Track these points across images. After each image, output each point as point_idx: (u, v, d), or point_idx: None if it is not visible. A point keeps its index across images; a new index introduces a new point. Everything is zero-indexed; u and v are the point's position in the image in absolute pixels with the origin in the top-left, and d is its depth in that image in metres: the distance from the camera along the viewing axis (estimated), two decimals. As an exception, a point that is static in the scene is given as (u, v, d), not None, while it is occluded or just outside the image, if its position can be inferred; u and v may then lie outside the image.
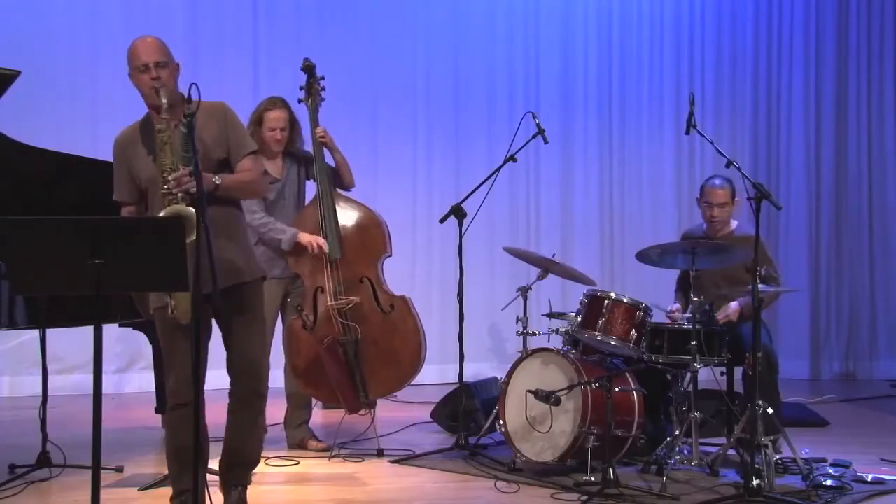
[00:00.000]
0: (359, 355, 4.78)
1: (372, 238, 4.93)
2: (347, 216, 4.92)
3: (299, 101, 5.00)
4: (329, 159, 4.96)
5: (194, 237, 3.11)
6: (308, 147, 4.95)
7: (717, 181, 4.96)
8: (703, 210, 4.99)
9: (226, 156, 3.50)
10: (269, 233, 4.75)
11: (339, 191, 4.97)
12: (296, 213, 4.92)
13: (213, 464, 3.87)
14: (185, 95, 3.45)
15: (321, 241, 4.78)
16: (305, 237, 4.78)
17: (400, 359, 4.86)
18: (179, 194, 3.25)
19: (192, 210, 3.21)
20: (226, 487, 3.70)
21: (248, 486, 3.76)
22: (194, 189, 3.23)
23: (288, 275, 4.90)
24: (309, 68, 4.99)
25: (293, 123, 4.88)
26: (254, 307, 3.62)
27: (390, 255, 4.99)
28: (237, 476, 3.71)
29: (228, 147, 3.50)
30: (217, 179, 3.38)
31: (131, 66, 3.42)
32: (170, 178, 3.25)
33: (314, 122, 4.92)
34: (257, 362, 3.64)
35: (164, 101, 3.29)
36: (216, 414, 3.78)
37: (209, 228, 3.30)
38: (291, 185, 4.94)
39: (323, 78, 5.00)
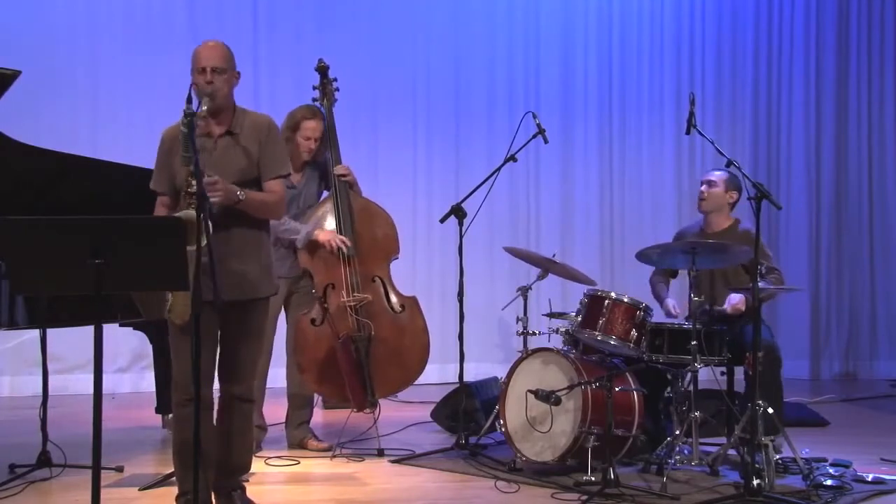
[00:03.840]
0: (369, 353, 4.78)
1: (385, 238, 4.96)
2: (362, 215, 4.93)
3: (313, 100, 5.03)
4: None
5: (194, 247, 3.11)
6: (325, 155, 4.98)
7: (716, 170, 5.07)
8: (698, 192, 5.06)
9: (255, 177, 3.53)
10: (282, 233, 4.77)
11: (353, 191, 4.99)
12: (307, 215, 4.93)
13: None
14: (235, 105, 3.55)
15: (343, 238, 4.79)
16: (324, 235, 4.79)
17: (407, 358, 4.88)
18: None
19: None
20: (222, 495, 3.66)
21: (246, 486, 3.76)
22: (217, 198, 3.29)
23: (294, 273, 4.91)
24: (323, 69, 5.03)
25: (324, 135, 4.90)
26: (258, 324, 3.63)
27: (398, 257, 5.01)
28: (231, 483, 3.68)
29: (260, 163, 3.53)
30: (241, 195, 3.41)
31: (192, 67, 3.51)
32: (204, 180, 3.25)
33: (330, 123, 4.97)
34: (248, 371, 3.63)
35: (205, 107, 3.37)
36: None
37: (234, 243, 3.40)
38: (308, 195, 4.96)
39: (336, 79, 5.03)
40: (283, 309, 4.98)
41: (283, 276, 4.78)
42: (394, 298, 4.89)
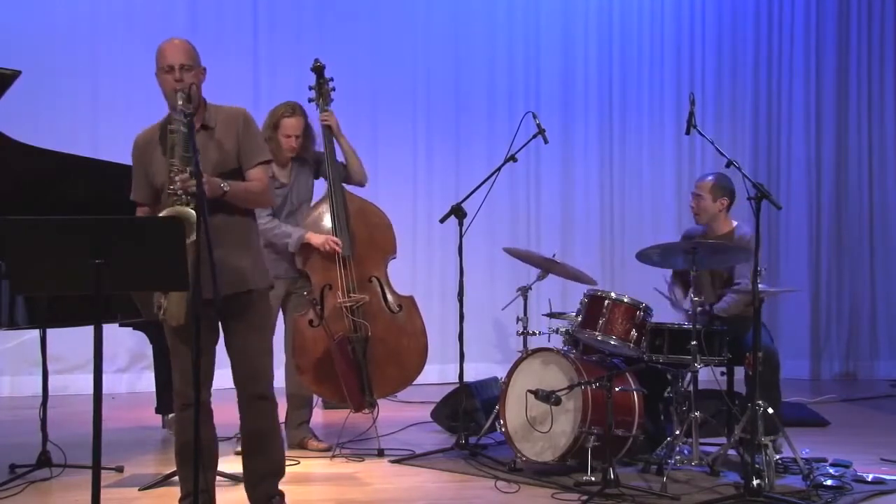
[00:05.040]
0: (367, 354, 4.78)
1: (382, 238, 4.96)
2: (358, 215, 4.93)
3: (309, 100, 5.04)
4: (338, 153, 4.98)
5: (193, 238, 3.10)
6: (319, 147, 4.98)
7: (706, 174, 5.05)
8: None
9: (234, 167, 3.48)
10: (275, 236, 4.77)
11: (349, 190, 4.98)
12: (304, 216, 4.93)
13: (223, 465, 3.88)
14: (205, 101, 3.49)
15: (335, 239, 4.80)
16: (317, 238, 4.80)
17: (406, 358, 4.89)
18: (184, 195, 3.24)
19: (193, 211, 3.20)
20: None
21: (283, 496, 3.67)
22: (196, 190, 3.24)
23: (291, 274, 4.91)
24: (319, 69, 5.03)
25: (308, 130, 4.91)
26: (258, 316, 3.57)
27: (395, 257, 5.01)
28: (267, 489, 3.60)
29: (240, 154, 3.49)
30: (225, 186, 3.37)
31: (157, 66, 3.47)
32: (175, 178, 3.23)
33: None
34: (259, 368, 3.57)
35: (180, 102, 3.28)
36: (224, 414, 3.77)
37: (220, 233, 3.31)
38: (300, 189, 4.95)
39: (332, 79, 5.04)
40: (280, 310, 4.97)
41: (280, 277, 4.79)
42: (391, 298, 4.89)
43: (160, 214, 3.28)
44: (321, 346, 4.77)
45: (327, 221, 4.89)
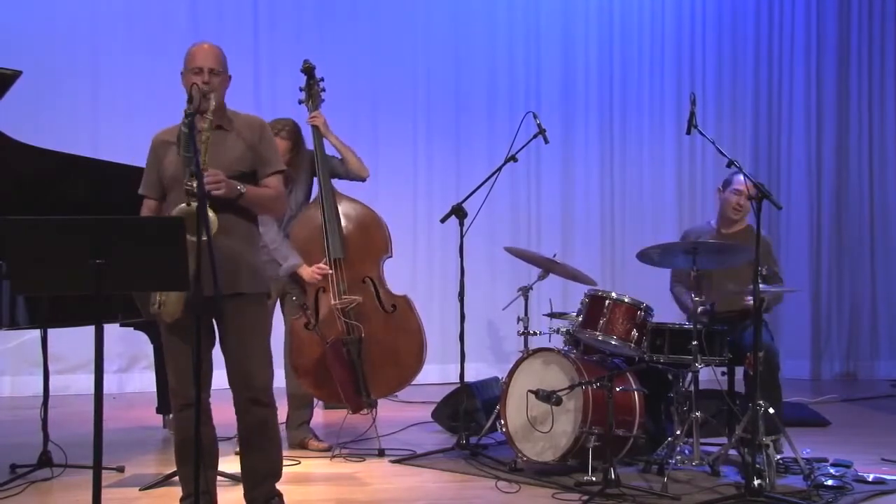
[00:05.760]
0: (362, 355, 4.78)
1: (374, 238, 4.94)
2: (349, 216, 4.92)
3: (300, 101, 5.03)
4: (330, 150, 4.97)
5: (198, 242, 3.11)
6: (310, 146, 4.98)
7: (736, 173, 4.83)
8: (728, 200, 4.95)
9: (247, 170, 3.51)
10: (274, 251, 4.75)
11: (345, 192, 4.97)
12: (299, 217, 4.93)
13: (223, 465, 3.87)
14: (226, 106, 3.54)
15: (320, 267, 4.79)
16: (307, 272, 4.79)
17: (402, 358, 4.88)
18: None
19: (210, 212, 3.20)
20: None
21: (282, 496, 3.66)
22: (220, 192, 3.28)
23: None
24: (308, 70, 5.01)
25: (296, 149, 4.89)
26: (255, 319, 3.56)
27: (391, 256, 5.00)
28: (266, 491, 3.60)
29: (257, 161, 3.53)
30: (242, 188, 3.41)
31: (186, 67, 3.51)
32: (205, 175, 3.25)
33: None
34: (252, 372, 3.54)
35: (213, 103, 3.37)
36: (224, 414, 3.77)
37: (228, 229, 3.36)
38: (296, 197, 4.94)
39: (322, 79, 5.02)
40: (277, 312, 4.96)
41: (275, 279, 4.77)
42: (385, 298, 4.88)
43: (178, 207, 3.28)
44: (317, 350, 4.77)
45: (319, 224, 4.87)
